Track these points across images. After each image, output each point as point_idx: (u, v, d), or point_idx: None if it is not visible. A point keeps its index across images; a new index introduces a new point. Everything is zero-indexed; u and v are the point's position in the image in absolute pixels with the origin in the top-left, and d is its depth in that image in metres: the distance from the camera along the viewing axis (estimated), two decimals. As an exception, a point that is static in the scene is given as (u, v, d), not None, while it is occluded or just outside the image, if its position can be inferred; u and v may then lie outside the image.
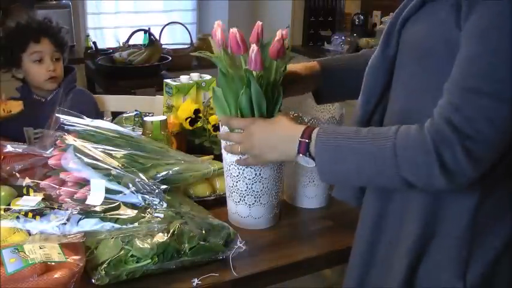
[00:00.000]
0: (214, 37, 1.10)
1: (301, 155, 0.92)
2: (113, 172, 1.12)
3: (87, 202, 1.08)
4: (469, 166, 0.72)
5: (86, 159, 1.14)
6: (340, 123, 1.27)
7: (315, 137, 0.88)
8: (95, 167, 1.13)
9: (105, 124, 1.27)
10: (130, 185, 1.10)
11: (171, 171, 1.18)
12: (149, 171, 1.17)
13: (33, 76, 1.74)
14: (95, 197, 1.09)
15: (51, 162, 1.17)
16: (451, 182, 0.74)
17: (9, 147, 1.28)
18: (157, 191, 1.10)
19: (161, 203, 1.09)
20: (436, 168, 0.73)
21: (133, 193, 1.10)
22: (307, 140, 0.90)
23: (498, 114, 0.71)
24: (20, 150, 1.28)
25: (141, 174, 1.13)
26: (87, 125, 1.23)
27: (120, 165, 1.14)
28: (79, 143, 1.17)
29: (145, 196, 1.10)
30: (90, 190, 1.10)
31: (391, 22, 0.87)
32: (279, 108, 1.11)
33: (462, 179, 0.74)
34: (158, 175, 1.16)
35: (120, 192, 1.10)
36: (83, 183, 1.12)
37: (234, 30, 1.05)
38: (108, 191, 1.10)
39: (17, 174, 1.23)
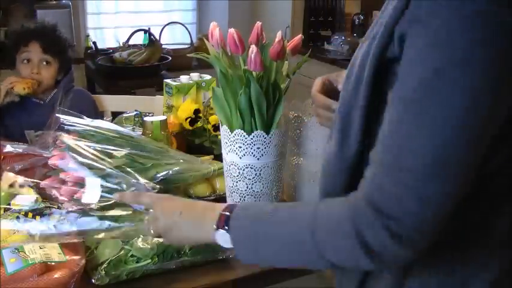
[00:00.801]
0: (210, 38, 1.10)
1: (220, 230, 0.78)
2: (108, 171, 1.12)
3: (82, 201, 1.08)
4: (396, 247, 0.64)
5: (81, 159, 1.13)
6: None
7: (233, 215, 0.78)
8: (90, 167, 1.13)
9: (105, 124, 1.27)
10: (125, 186, 1.10)
11: (171, 171, 1.18)
12: (149, 171, 1.17)
13: (22, 76, 1.77)
14: (91, 195, 1.08)
15: (51, 162, 1.17)
16: (379, 263, 0.66)
17: (9, 147, 1.28)
18: (149, 191, 1.10)
19: None
20: (358, 250, 0.65)
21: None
22: (228, 213, 0.78)
23: (426, 191, 0.62)
24: (20, 150, 1.28)
25: (136, 175, 1.13)
26: (87, 125, 1.23)
27: (114, 165, 1.14)
28: (72, 142, 1.16)
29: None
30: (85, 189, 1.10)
31: None
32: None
33: (391, 259, 0.66)
34: (158, 175, 1.16)
35: (116, 190, 1.10)
36: (83, 183, 1.12)
37: (231, 30, 1.06)
38: (105, 189, 1.10)
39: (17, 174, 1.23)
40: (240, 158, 1.12)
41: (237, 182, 1.15)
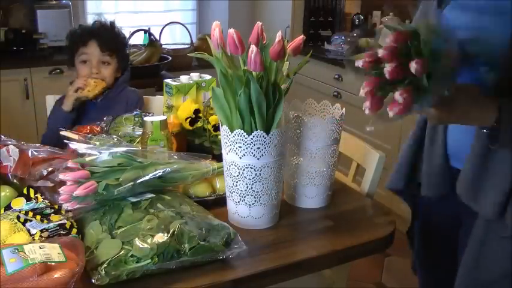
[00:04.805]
0: (212, 38, 1.10)
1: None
2: None
3: None
4: None
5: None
6: (340, 124, 1.27)
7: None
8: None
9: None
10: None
11: (169, 169, 1.18)
12: (148, 168, 1.16)
13: (79, 76, 1.79)
14: None
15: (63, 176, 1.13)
16: None
17: (33, 152, 1.26)
18: None
19: None
20: None
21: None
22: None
23: None
24: (44, 155, 1.26)
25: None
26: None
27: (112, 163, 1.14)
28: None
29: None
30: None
31: None
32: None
33: None
34: (157, 172, 1.15)
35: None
36: (83, 180, 1.12)
37: (231, 30, 1.05)
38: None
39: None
40: (240, 158, 1.12)
41: (237, 182, 1.15)
